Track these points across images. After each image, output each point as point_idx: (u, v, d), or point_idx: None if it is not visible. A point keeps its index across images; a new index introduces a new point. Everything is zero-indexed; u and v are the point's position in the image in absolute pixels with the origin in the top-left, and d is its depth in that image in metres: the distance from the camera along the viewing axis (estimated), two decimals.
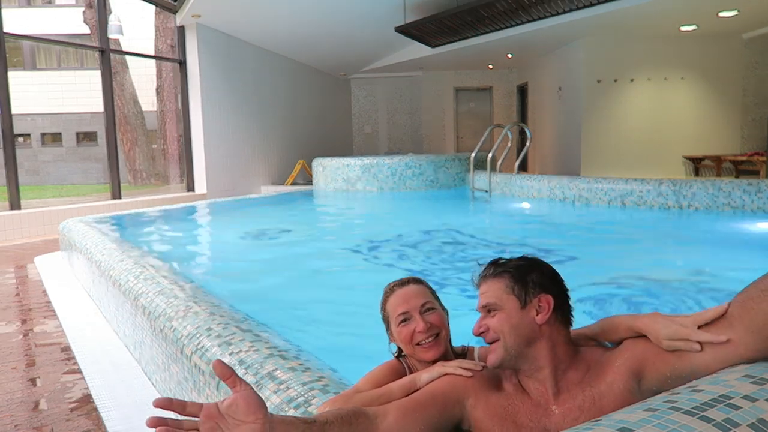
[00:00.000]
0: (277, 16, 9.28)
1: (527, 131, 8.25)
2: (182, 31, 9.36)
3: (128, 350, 2.80)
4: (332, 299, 3.40)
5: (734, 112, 10.24)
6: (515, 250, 4.40)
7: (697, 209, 5.29)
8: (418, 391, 1.18)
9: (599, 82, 10.09)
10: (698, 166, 10.16)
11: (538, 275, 1.19)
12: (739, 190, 5.03)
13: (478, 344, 1.41)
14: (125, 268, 2.96)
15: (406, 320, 1.28)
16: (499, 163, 8.42)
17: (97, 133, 20.23)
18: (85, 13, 12.65)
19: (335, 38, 10.93)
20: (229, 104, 10.09)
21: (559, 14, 8.41)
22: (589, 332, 1.22)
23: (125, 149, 13.11)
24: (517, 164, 8.49)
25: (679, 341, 1.02)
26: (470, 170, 8.25)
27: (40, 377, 2.54)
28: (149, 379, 2.42)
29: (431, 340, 1.27)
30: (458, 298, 2.94)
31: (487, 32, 9.76)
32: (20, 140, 20.09)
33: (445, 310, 1.35)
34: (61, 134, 20.78)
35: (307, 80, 13.15)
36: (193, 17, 8.97)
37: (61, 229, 5.07)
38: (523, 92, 14.39)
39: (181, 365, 1.88)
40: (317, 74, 13.73)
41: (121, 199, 8.45)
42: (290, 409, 1.30)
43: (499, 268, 1.21)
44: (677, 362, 1.02)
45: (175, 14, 9.22)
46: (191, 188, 9.67)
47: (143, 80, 14.05)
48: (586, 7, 7.99)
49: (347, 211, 7.94)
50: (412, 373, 1.29)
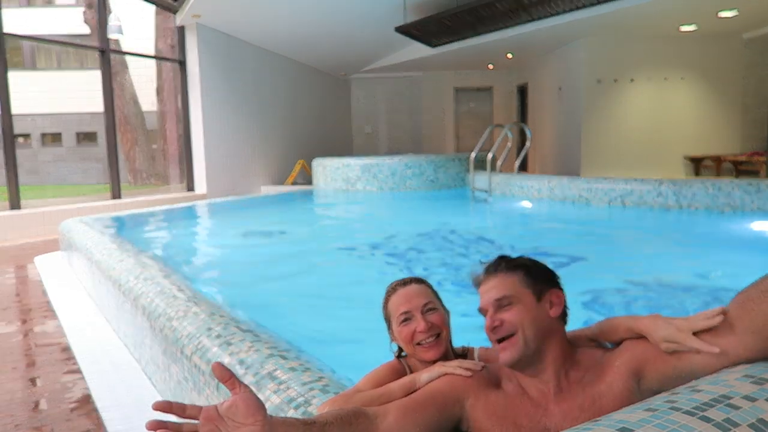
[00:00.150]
0: (277, 16, 9.28)
1: (527, 131, 8.25)
2: (182, 31, 9.36)
3: (128, 350, 2.80)
4: (332, 299, 3.40)
5: (734, 112, 10.24)
6: (515, 250, 4.39)
7: (697, 209, 5.29)
8: (417, 390, 1.17)
9: (599, 82, 10.09)
10: (698, 166, 10.16)
11: (546, 271, 1.21)
12: (739, 190, 5.03)
13: (478, 344, 1.41)
14: (125, 268, 2.97)
15: (407, 320, 1.28)
16: (499, 163, 8.42)
17: (97, 133, 20.21)
18: (85, 13, 12.63)
19: (335, 38, 10.93)
20: (229, 104, 10.09)
21: (559, 14, 8.41)
22: (589, 333, 1.23)
23: (125, 149, 13.09)
24: (517, 164, 8.50)
25: (675, 344, 1.02)
26: (470, 170, 8.25)
27: (40, 377, 2.54)
28: (149, 379, 2.42)
29: (432, 340, 1.26)
30: (457, 298, 2.94)
31: (487, 32, 9.76)
32: (20, 140, 20.09)
33: (446, 310, 1.35)
34: (61, 134, 20.77)
35: (307, 80, 13.15)
36: (193, 17, 8.97)
37: (61, 229, 5.07)
38: (523, 92, 14.38)
39: (181, 365, 1.88)
40: (317, 74, 13.73)
41: (121, 199, 8.45)
42: (290, 409, 1.30)
43: (511, 262, 1.21)
44: (677, 362, 1.02)
45: (175, 14, 9.22)
46: (191, 188, 9.67)
47: (143, 80, 14.03)
48: (586, 7, 7.98)
49: (347, 211, 7.94)
50: (412, 373, 1.28)
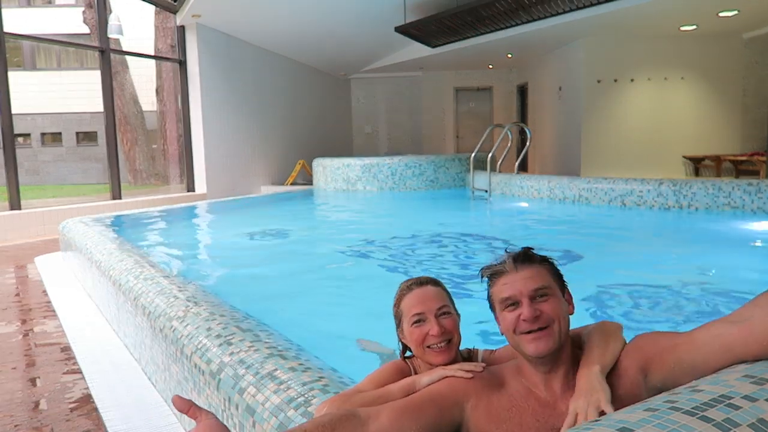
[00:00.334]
0: (277, 16, 9.28)
1: (527, 131, 8.25)
2: (182, 31, 9.36)
3: (128, 350, 2.80)
4: (332, 299, 3.40)
5: (734, 112, 10.24)
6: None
7: (697, 209, 5.30)
8: (416, 392, 1.16)
9: (599, 82, 10.09)
10: (698, 166, 10.16)
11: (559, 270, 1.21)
12: (739, 190, 5.03)
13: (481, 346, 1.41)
14: (125, 268, 2.96)
15: (420, 321, 1.25)
16: (499, 163, 8.42)
17: (97, 133, 20.22)
18: (85, 13, 12.63)
19: (335, 38, 10.93)
20: (229, 104, 10.09)
21: (559, 14, 8.41)
22: (584, 333, 1.22)
23: (125, 149, 13.09)
24: (517, 164, 8.50)
25: (582, 403, 1.01)
26: (470, 170, 8.25)
27: (40, 377, 2.54)
28: (149, 379, 2.42)
29: (443, 344, 1.24)
30: (456, 298, 2.94)
31: (487, 32, 9.77)
32: (20, 140, 20.09)
33: (458, 314, 1.32)
34: (61, 134, 20.78)
35: (307, 80, 13.15)
36: (193, 17, 8.97)
37: (61, 229, 5.07)
38: (523, 92, 14.38)
39: (181, 365, 1.88)
40: (317, 74, 13.73)
41: (121, 199, 8.45)
42: (290, 409, 1.30)
43: (539, 255, 1.19)
44: (683, 354, 0.99)
45: (175, 14, 9.23)
46: (191, 188, 9.67)
47: (143, 80, 14.02)
48: (586, 7, 7.99)
49: (347, 211, 7.94)
50: (417, 374, 1.27)
